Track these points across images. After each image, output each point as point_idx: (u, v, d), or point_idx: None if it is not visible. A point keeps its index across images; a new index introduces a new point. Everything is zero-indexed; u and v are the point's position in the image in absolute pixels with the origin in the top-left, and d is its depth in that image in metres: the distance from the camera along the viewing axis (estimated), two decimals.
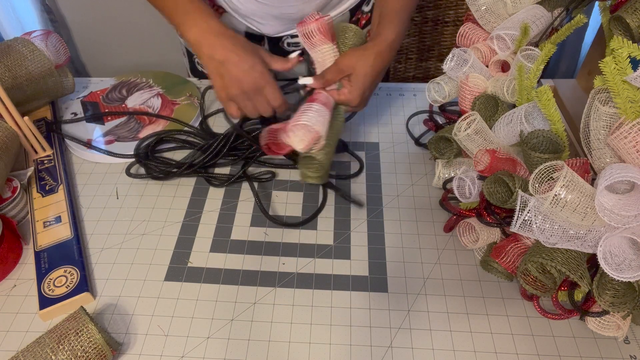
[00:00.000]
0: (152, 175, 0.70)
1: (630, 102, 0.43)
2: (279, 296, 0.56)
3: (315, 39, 0.63)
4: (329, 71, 0.63)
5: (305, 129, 0.57)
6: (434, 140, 0.65)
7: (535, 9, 0.59)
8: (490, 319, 0.54)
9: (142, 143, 0.74)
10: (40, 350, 0.46)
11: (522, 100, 0.56)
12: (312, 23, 0.62)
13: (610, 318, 0.49)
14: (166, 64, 1.61)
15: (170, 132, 0.75)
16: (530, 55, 0.56)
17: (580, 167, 0.46)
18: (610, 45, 0.45)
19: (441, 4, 1.34)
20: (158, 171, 0.70)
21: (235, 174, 0.70)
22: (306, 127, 0.57)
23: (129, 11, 1.56)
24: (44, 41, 0.76)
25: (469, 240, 0.60)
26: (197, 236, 0.63)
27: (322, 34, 0.62)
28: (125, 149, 0.73)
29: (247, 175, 0.70)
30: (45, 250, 0.59)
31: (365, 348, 0.52)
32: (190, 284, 0.58)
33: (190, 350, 0.52)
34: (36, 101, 0.78)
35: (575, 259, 0.46)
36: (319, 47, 0.63)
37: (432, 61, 1.48)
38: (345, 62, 0.62)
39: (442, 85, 0.66)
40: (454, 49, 0.63)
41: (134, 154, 0.72)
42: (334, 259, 0.60)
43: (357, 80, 0.62)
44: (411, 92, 0.85)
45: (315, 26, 0.62)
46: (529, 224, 0.45)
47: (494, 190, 0.51)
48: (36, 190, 0.67)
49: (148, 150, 0.72)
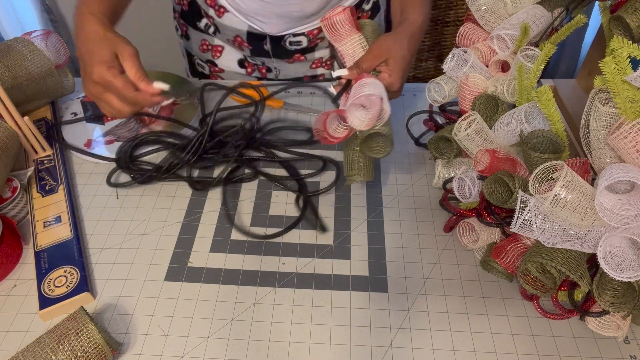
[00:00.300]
0: (134, 182, 0.68)
1: (630, 102, 0.43)
2: (279, 296, 0.56)
3: (343, 30, 0.60)
4: (365, 59, 0.61)
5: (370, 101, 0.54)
6: (434, 140, 0.65)
7: (535, 9, 0.59)
8: (490, 319, 0.54)
9: (122, 148, 0.72)
10: (40, 350, 0.46)
11: (522, 100, 0.56)
12: (339, 14, 0.60)
13: (610, 318, 0.49)
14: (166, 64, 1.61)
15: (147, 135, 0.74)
16: (530, 55, 0.56)
17: (580, 167, 0.46)
18: (610, 45, 0.45)
19: (441, 4, 1.34)
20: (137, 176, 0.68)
21: (217, 176, 0.68)
22: (371, 99, 0.54)
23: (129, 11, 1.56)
24: (44, 41, 0.76)
25: (469, 240, 0.60)
26: (197, 236, 0.63)
27: (351, 24, 0.61)
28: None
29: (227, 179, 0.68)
30: (45, 250, 0.59)
31: (365, 348, 0.52)
32: (190, 284, 0.58)
33: (190, 350, 0.52)
34: (36, 101, 0.78)
35: (575, 259, 0.46)
36: (349, 37, 0.61)
37: (432, 61, 1.48)
38: (381, 47, 0.61)
39: (442, 85, 0.66)
40: (454, 49, 0.63)
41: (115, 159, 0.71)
42: (334, 259, 0.60)
43: (396, 64, 0.61)
44: (411, 92, 0.85)
45: (343, 17, 0.60)
46: (529, 224, 0.45)
47: (494, 190, 0.51)
48: (36, 190, 0.67)
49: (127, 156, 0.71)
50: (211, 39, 0.86)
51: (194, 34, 0.88)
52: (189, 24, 0.87)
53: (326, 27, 0.61)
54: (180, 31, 0.91)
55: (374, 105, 0.55)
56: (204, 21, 0.84)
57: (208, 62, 0.90)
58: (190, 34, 0.88)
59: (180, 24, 0.89)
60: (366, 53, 0.61)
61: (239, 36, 0.83)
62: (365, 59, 0.61)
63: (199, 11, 0.84)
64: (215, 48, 0.88)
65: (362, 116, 0.55)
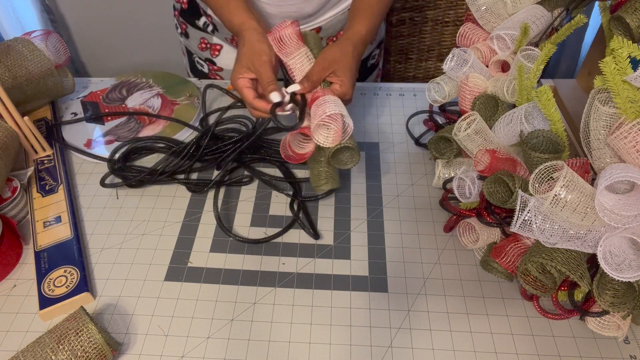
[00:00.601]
0: (128, 184, 0.68)
1: (630, 102, 0.43)
2: (279, 296, 0.56)
3: (292, 44, 0.61)
4: (314, 71, 0.62)
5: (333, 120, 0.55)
6: (434, 140, 0.65)
7: (535, 9, 0.59)
8: (490, 319, 0.54)
9: (114, 153, 0.72)
10: (40, 350, 0.46)
11: (522, 100, 0.56)
12: (287, 28, 0.61)
13: (610, 318, 0.49)
14: (166, 64, 1.62)
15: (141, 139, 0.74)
16: (530, 55, 0.56)
17: (580, 167, 0.46)
18: (610, 45, 0.45)
19: (441, 4, 1.34)
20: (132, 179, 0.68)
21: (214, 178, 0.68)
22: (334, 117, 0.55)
23: (129, 11, 1.56)
24: (44, 41, 0.76)
25: (469, 240, 0.60)
26: (197, 236, 0.63)
27: (298, 38, 0.62)
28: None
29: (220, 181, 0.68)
30: (45, 250, 0.59)
31: (365, 348, 0.52)
32: (190, 284, 0.58)
33: (190, 350, 0.52)
34: (36, 101, 0.78)
35: (575, 259, 0.45)
36: (297, 51, 0.62)
37: (432, 61, 1.48)
38: (328, 59, 0.62)
39: (442, 85, 0.66)
40: (454, 49, 0.63)
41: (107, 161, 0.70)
42: (334, 259, 0.60)
43: (345, 74, 0.62)
44: (411, 92, 0.85)
45: (291, 30, 0.61)
46: (529, 224, 0.45)
47: (494, 190, 0.51)
48: (36, 190, 0.67)
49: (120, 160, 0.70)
50: (210, 37, 0.86)
51: (193, 32, 0.88)
52: (188, 22, 0.87)
53: (274, 41, 0.62)
54: (180, 29, 0.91)
55: (337, 123, 0.56)
56: (203, 19, 0.84)
57: (207, 60, 0.90)
58: (190, 32, 0.88)
59: (180, 22, 0.89)
60: (314, 65, 0.62)
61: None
62: (314, 71, 0.62)
63: (198, 10, 0.84)
64: (214, 47, 0.88)
65: (327, 134, 0.57)
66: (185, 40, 0.91)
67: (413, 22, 1.38)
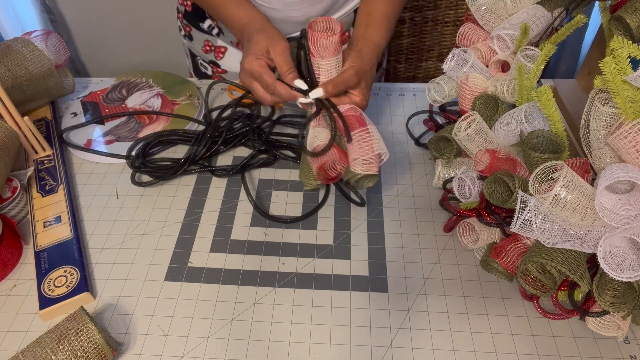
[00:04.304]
0: (157, 177, 0.69)
1: (630, 102, 0.43)
2: (279, 296, 0.56)
3: (332, 47, 0.59)
4: (344, 81, 0.60)
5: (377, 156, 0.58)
6: (434, 140, 0.65)
7: (535, 9, 0.59)
8: (490, 319, 0.54)
9: (131, 150, 0.72)
10: (40, 350, 0.46)
11: (522, 100, 0.56)
12: (335, 35, 0.58)
13: (610, 318, 0.49)
14: (166, 64, 1.62)
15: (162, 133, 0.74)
16: (530, 55, 0.56)
17: (580, 167, 0.46)
18: (610, 45, 0.45)
19: (441, 4, 1.34)
20: (161, 173, 0.69)
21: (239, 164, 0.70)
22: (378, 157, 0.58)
23: (129, 11, 1.56)
24: (44, 41, 0.76)
25: (469, 240, 0.60)
26: (197, 236, 0.63)
27: (340, 44, 0.60)
28: (125, 149, 0.73)
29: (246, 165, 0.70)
30: (45, 250, 0.59)
31: (365, 348, 0.52)
32: (190, 284, 0.58)
33: (190, 350, 0.52)
34: (36, 101, 0.78)
35: (575, 259, 0.46)
36: (334, 57, 0.60)
37: (432, 61, 1.48)
38: (359, 73, 0.61)
39: (442, 85, 0.66)
40: (454, 49, 0.63)
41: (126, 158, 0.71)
42: (334, 259, 0.60)
43: (367, 87, 0.63)
44: (411, 92, 0.85)
45: (336, 39, 0.58)
46: (529, 224, 0.45)
47: (494, 190, 0.51)
48: (36, 190, 0.67)
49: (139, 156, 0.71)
50: (214, 40, 0.86)
51: (197, 34, 0.88)
52: (193, 25, 0.87)
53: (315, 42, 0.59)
54: (184, 32, 0.91)
55: (379, 158, 0.58)
56: (208, 22, 0.84)
57: (211, 62, 0.90)
58: (194, 34, 0.88)
59: (184, 24, 0.89)
60: (346, 75, 0.60)
61: None
62: (343, 80, 0.60)
63: (203, 12, 0.84)
64: (219, 49, 0.88)
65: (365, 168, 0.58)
66: (188, 42, 0.91)
67: (413, 22, 1.38)
